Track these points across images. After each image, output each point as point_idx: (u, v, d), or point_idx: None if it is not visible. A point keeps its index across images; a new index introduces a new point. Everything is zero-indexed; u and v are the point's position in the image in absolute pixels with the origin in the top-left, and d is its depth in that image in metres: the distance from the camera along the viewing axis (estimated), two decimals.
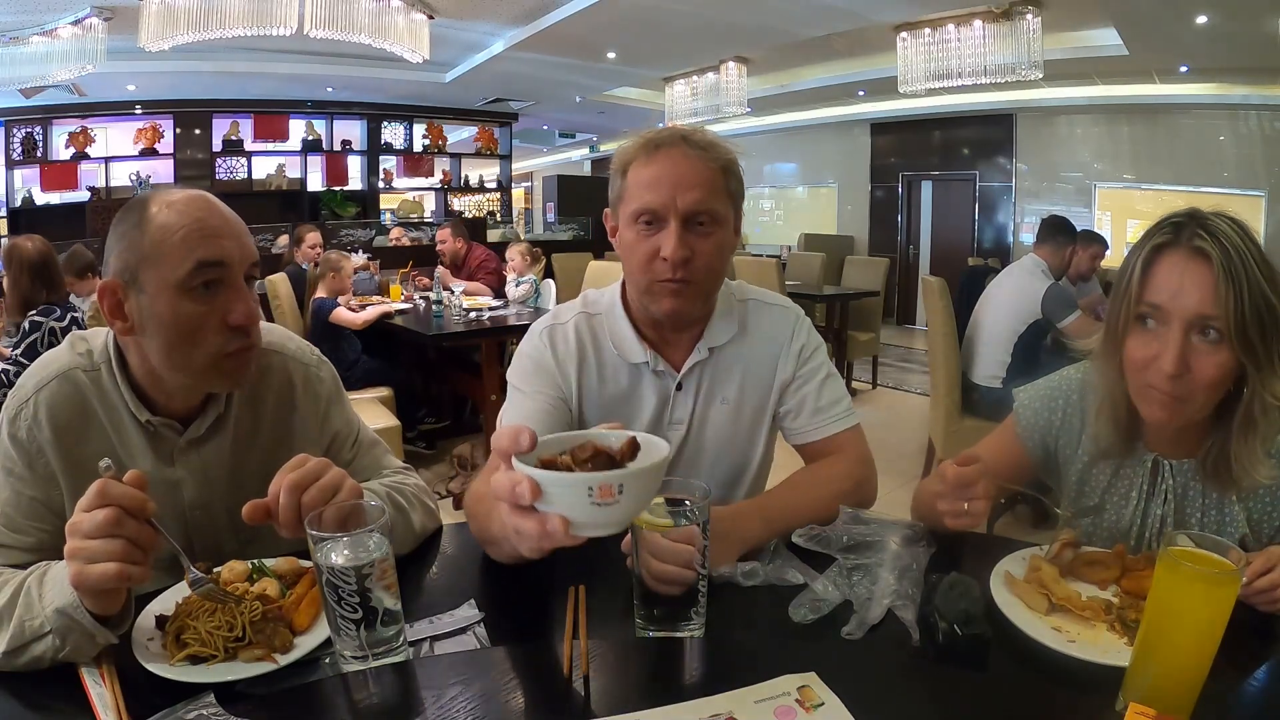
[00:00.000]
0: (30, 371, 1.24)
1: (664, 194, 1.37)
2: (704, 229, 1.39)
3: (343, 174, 11.29)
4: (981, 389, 4.01)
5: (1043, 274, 4.01)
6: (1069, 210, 8.73)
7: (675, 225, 1.36)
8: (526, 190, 18.14)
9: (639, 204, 1.39)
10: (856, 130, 11.80)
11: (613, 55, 8.63)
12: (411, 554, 1.29)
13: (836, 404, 1.54)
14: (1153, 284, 1.18)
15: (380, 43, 6.57)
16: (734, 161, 1.44)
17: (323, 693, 0.92)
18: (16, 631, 0.97)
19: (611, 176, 1.47)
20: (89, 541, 0.90)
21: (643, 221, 1.40)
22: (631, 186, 1.41)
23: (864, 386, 7.31)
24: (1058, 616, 1.06)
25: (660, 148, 1.40)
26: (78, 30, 6.76)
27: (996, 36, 6.58)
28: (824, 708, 0.82)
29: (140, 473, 0.95)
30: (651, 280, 1.41)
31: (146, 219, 1.15)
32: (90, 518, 0.90)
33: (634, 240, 1.42)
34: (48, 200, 9.57)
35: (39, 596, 0.98)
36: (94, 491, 0.91)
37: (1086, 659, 0.96)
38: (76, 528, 0.91)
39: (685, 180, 1.37)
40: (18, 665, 0.98)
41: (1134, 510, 1.36)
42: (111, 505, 0.90)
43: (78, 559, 0.90)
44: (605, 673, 0.90)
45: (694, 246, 1.38)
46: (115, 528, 0.90)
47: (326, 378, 1.42)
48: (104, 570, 0.90)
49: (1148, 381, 1.19)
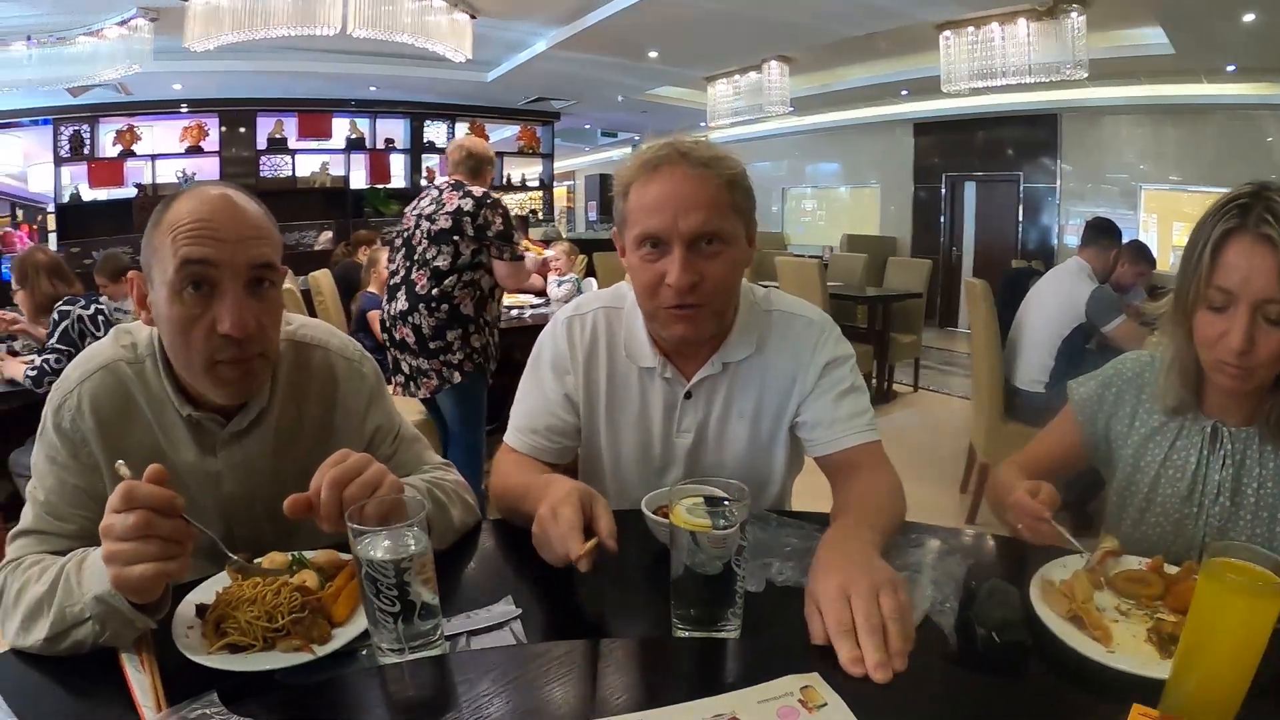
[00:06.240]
0: (75, 363, 1.26)
1: (666, 217, 1.31)
2: (710, 249, 1.33)
3: (386, 172, 11.37)
4: (1024, 393, 3.95)
5: (1087, 277, 3.94)
6: (1114, 212, 8.51)
7: (679, 250, 1.31)
8: (569, 189, 18.18)
9: (641, 228, 1.34)
10: (899, 130, 11.65)
11: (654, 54, 8.61)
12: (450, 549, 1.29)
13: (858, 416, 1.47)
14: (1221, 269, 1.24)
15: (423, 42, 6.60)
16: (740, 174, 1.37)
17: (359, 684, 0.93)
18: (58, 617, 0.99)
19: (615, 197, 1.43)
20: (123, 544, 0.91)
21: (646, 246, 1.35)
22: (633, 210, 1.36)
23: (905, 389, 7.24)
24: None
25: (659, 168, 1.34)
26: (124, 30, 6.85)
27: (1040, 35, 6.46)
28: (827, 708, 0.81)
29: (159, 467, 0.94)
30: (658, 306, 1.37)
31: (163, 214, 1.17)
32: (121, 520, 0.90)
33: (639, 265, 1.37)
34: (94, 196, 9.73)
35: (78, 583, 1.00)
36: (120, 495, 0.91)
37: (1124, 669, 0.93)
38: (109, 531, 0.92)
39: (687, 201, 1.31)
40: (59, 650, 1.00)
41: (1192, 476, 1.39)
42: (140, 508, 0.90)
43: (116, 562, 0.91)
44: (545, 677, 0.89)
45: (701, 270, 1.33)
46: (147, 529, 0.90)
47: (368, 373, 1.42)
48: (143, 571, 0.90)
49: (1217, 356, 1.27)
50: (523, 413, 1.55)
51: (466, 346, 3.54)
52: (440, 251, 3.48)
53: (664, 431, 1.53)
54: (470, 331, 3.55)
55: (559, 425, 1.53)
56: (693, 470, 1.53)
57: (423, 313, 3.50)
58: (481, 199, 3.53)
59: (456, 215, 3.48)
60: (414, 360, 3.56)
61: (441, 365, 3.53)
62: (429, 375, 3.54)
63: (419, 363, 3.55)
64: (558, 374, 1.54)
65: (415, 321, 3.51)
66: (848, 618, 0.94)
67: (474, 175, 3.68)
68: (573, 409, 1.54)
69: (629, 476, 1.56)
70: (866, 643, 0.91)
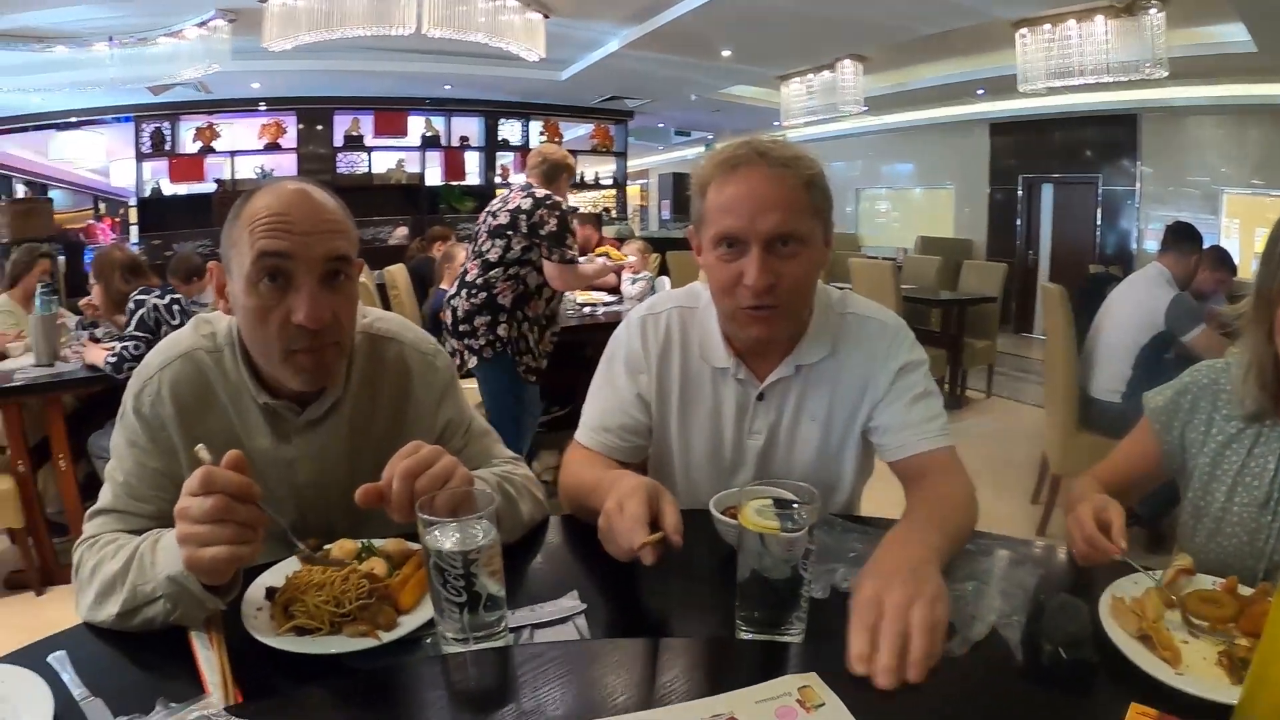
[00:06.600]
0: (156, 350, 1.30)
1: (743, 218, 1.31)
2: (788, 250, 1.32)
3: (460, 169, 11.54)
4: (1100, 403, 3.83)
5: (1167, 284, 3.82)
6: (1195, 217, 8.13)
7: (757, 250, 1.30)
8: (642, 187, 18.19)
9: (718, 228, 1.34)
10: (975, 130, 11.34)
11: (727, 53, 8.55)
12: (518, 543, 1.30)
13: (931, 421, 1.45)
14: None
15: (497, 42, 6.64)
16: (818, 175, 1.36)
17: (422, 671, 0.94)
18: (130, 595, 1.02)
19: (692, 196, 1.43)
20: (198, 527, 0.93)
21: (723, 246, 1.34)
22: (710, 209, 1.36)
23: (978, 395, 7.09)
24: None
25: (737, 167, 1.33)
26: (203, 31, 7.03)
27: (1119, 32, 6.25)
28: (824, 708, 0.81)
29: (239, 453, 0.97)
30: (736, 307, 1.37)
31: (242, 208, 1.20)
32: (199, 504, 0.93)
33: (716, 265, 1.37)
34: (175, 191, 10.07)
35: (152, 563, 1.03)
36: (199, 479, 0.94)
37: (1191, 692, 0.88)
38: (185, 513, 0.94)
39: (765, 202, 1.30)
40: (131, 626, 1.03)
41: (1269, 484, 1.34)
42: (217, 493, 0.93)
43: (190, 544, 0.94)
44: (606, 673, 0.89)
45: (778, 270, 1.32)
46: (223, 513, 0.93)
47: (442, 367, 1.44)
48: (215, 554, 0.93)
49: None
50: (595, 411, 1.56)
51: (491, 334, 3.64)
52: (494, 245, 3.63)
53: (735, 433, 1.52)
54: (499, 321, 3.64)
55: (631, 424, 1.53)
56: (763, 473, 1.51)
57: (462, 296, 3.67)
58: (542, 199, 3.63)
59: (515, 212, 3.62)
60: (448, 341, 3.70)
61: (464, 347, 3.68)
62: (454, 355, 3.66)
63: (451, 343, 3.69)
64: (631, 373, 1.54)
65: (455, 304, 3.70)
66: (872, 617, 0.93)
67: (548, 180, 3.76)
68: (645, 408, 1.54)
69: (699, 477, 1.55)
70: (883, 645, 0.89)
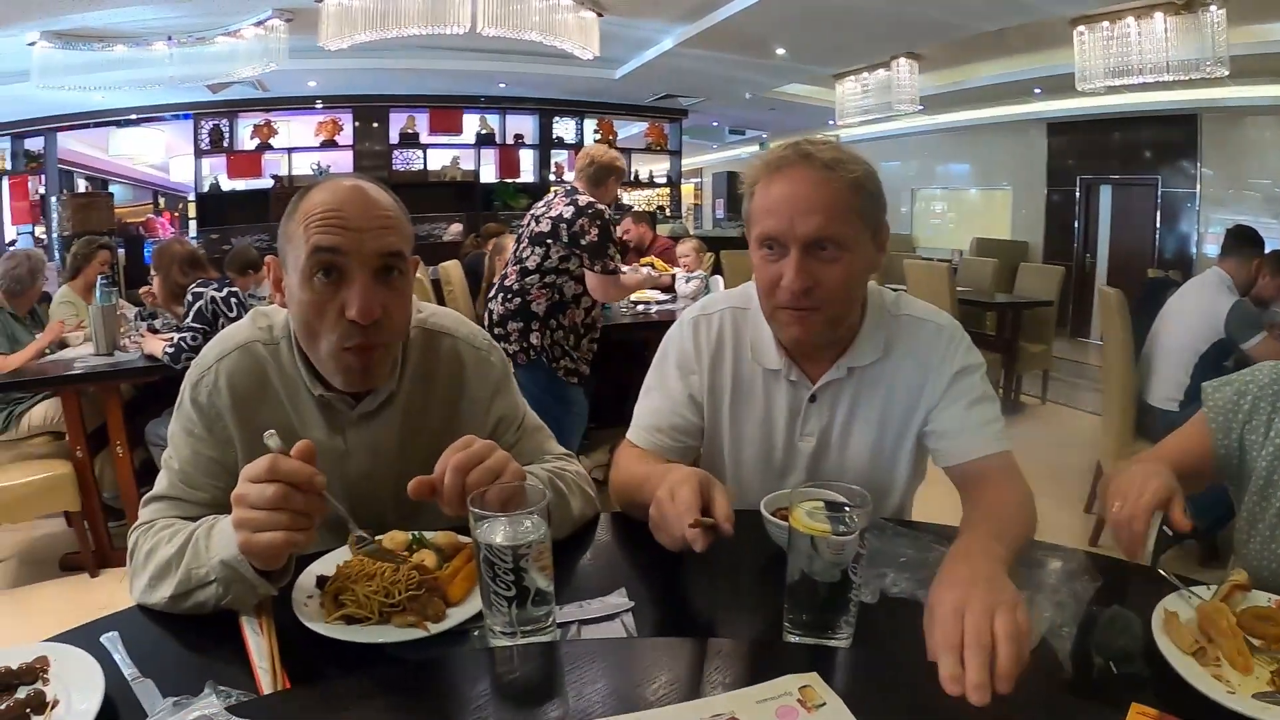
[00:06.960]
0: (214, 341, 1.33)
1: (783, 220, 1.30)
2: (827, 255, 1.31)
3: (515, 166, 11.66)
4: (1157, 411, 3.73)
5: (1227, 289, 3.72)
6: (1257, 221, 7.83)
7: (795, 253, 1.30)
8: (696, 186, 18.13)
9: (760, 229, 1.35)
10: (1032, 130, 11.07)
11: (782, 51, 8.52)
12: (567, 539, 1.30)
13: (987, 425, 1.42)
14: None
15: (550, 40, 6.68)
16: (865, 176, 1.34)
17: (469, 663, 0.95)
18: (184, 578, 1.05)
19: (743, 196, 1.43)
20: (256, 512, 0.95)
21: (766, 247, 1.35)
22: (755, 209, 1.36)
23: (1033, 401, 6.97)
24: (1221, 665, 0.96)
25: (782, 168, 1.33)
26: (260, 31, 7.18)
27: (1179, 30, 6.09)
28: (825, 708, 0.80)
29: (309, 443, 0.98)
30: (775, 307, 1.37)
31: (298, 203, 1.21)
32: (259, 490, 0.94)
33: (759, 264, 1.38)
34: (233, 187, 10.33)
35: (206, 547, 1.05)
36: (264, 465, 0.95)
37: (1244, 713, 0.85)
38: (243, 499, 0.96)
39: (805, 204, 1.29)
40: (183, 608, 1.06)
41: None
42: (280, 481, 0.94)
43: (245, 528, 0.96)
44: (606, 672, 0.89)
45: (817, 274, 1.31)
46: (283, 501, 0.94)
47: (496, 362, 1.45)
48: (271, 539, 0.95)
49: None
50: (647, 410, 1.56)
51: (524, 340, 3.61)
52: (533, 252, 3.60)
53: (787, 435, 1.51)
54: (532, 328, 3.61)
55: (682, 424, 1.53)
56: (814, 475, 1.50)
57: (498, 300, 3.66)
58: (584, 208, 3.57)
59: (556, 220, 3.57)
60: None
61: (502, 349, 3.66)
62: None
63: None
64: (683, 374, 1.54)
65: (491, 306, 3.70)
66: (957, 634, 0.89)
67: (594, 184, 3.73)
68: (697, 409, 1.54)
69: (750, 479, 1.54)
70: (971, 661, 0.86)
